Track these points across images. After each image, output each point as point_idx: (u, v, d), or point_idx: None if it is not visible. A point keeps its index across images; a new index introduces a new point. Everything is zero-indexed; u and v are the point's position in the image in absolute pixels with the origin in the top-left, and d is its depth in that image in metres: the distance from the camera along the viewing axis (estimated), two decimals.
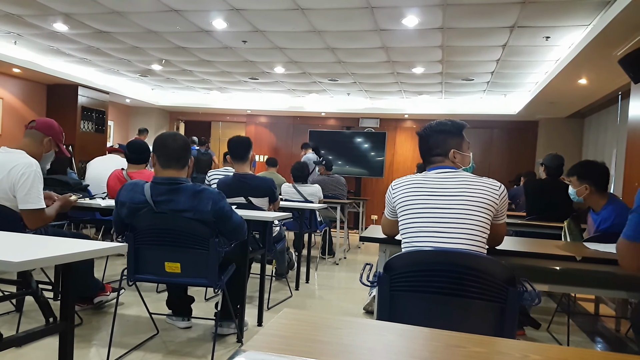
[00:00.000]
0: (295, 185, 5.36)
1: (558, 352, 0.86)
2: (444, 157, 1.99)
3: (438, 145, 2.00)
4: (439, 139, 2.00)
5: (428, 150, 2.03)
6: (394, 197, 1.95)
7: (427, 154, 2.03)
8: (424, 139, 2.05)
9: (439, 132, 2.01)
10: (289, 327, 0.89)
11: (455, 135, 2.02)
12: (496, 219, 1.90)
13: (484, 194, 1.81)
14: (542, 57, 5.67)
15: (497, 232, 1.97)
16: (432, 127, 2.04)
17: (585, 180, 2.93)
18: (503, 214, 1.94)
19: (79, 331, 2.98)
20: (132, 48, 6.46)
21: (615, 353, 0.86)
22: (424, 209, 1.81)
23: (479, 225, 1.78)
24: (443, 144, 1.99)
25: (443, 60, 6.11)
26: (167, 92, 10.13)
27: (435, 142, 2.01)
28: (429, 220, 1.79)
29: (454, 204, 1.78)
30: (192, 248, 2.44)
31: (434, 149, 2.00)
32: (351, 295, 4.40)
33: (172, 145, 2.46)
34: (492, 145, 9.95)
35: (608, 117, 7.29)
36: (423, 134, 2.06)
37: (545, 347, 0.88)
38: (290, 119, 10.87)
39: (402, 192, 1.90)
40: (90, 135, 8.61)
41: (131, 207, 2.43)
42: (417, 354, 0.83)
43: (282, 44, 5.82)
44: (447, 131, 2.01)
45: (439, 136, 2.01)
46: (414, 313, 1.65)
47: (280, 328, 0.87)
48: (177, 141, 2.50)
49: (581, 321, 3.84)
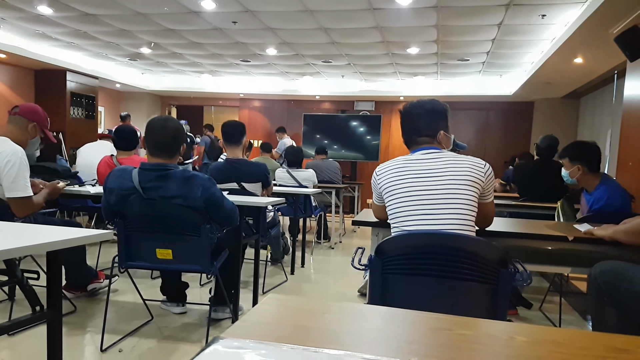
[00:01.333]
0: (290, 170, 5.33)
1: (544, 333, 0.85)
2: (432, 139, 1.92)
3: (429, 126, 1.92)
4: (431, 120, 1.92)
5: (416, 129, 1.94)
6: (379, 183, 1.89)
7: (415, 133, 1.94)
8: (412, 118, 1.95)
9: (431, 112, 1.93)
10: (273, 313, 0.87)
11: (444, 116, 1.95)
12: (483, 197, 1.87)
13: (469, 172, 1.77)
14: (537, 36, 5.62)
15: (485, 212, 1.93)
16: (424, 107, 1.94)
17: (577, 161, 2.93)
18: (489, 192, 1.90)
19: (72, 319, 2.99)
20: (120, 31, 6.35)
21: (601, 333, 0.85)
22: (410, 192, 1.77)
23: (466, 205, 1.75)
24: (434, 125, 1.92)
25: (438, 40, 6.04)
26: (157, 76, 10.01)
27: (426, 123, 1.92)
28: (416, 203, 1.76)
29: (441, 184, 1.75)
30: (184, 235, 2.42)
31: (424, 130, 1.92)
32: (346, 278, 4.41)
33: (161, 134, 2.41)
34: (488, 126, 9.92)
35: (604, 97, 7.26)
36: (413, 113, 1.95)
37: (531, 328, 0.87)
38: (284, 102, 10.79)
39: (387, 177, 1.85)
40: (80, 121, 8.51)
41: (120, 193, 2.40)
42: (403, 337, 0.82)
43: (274, 25, 5.73)
44: (439, 112, 1.94)
45: (431, 117, 1.93)
46: (405, 296, 1.64)
47: (264, 314, 0.86)
48: (166, 129, 2.43)
49: (573, 300, 3.86)
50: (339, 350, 0.68)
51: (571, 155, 2.98)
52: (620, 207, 2.78)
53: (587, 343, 0.83)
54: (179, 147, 2.48)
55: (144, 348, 2.61)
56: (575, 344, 0.82)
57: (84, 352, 2.57)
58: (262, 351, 0.69)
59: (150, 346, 2.65)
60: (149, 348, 2.62)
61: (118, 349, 2.57)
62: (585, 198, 3.03)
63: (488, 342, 0.81)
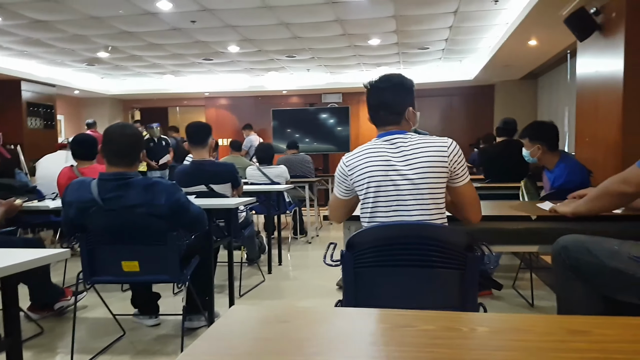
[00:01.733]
0: (260, 168, 5.28)
1: (505, 321, 0.87)
2: (399, 116, 1.80)
3: (397, 101, 1.80)
4: (399, 96, 1.80)
5: (384, 106, 1.80)
6: (350, 171, 1.78)
7: (383, 110, 1.81)
8: (379, 92, 1.82)
9: (400, 86, 1.81)
10: (233, 328, 0.85)
11: (412, 91, 1.84)
12: (453, 180, 1.76)
13: (434, 156, 1.69)
14: (492, 21, 5.72)
15: (461, 198, 1.81)
16: (391, 80, 1.81)
17: (537, 140, 3.01)
18: (460, 174, 1.76)
19: (39, 341, 2.87)
20: (75, 36, 6.16)
21: (560, 316, 0.87)
22: (379, 182, 1.72)
23: (434, 193, 1.70)
24: (402, 100, 1.80)
25: (397, 30, 6.08)
26: (117, 80, 9.77)
27: (394, 98, 1.80)
28: (384, 194, 1.72)
29: (407, 174, 1.69)
30: (149, 244, 2.34)
31: (393, 106, 1.79)
32: (325, 272, 4.36)
33: (118, 141, 2.34)
34: (451, 111, 10.08)
35: (559, 76, 7.46)
36: (380, 87, 1.82)
37: (492, 317, 0.88)
38: (251, 99, 10.69)
39: (359, 165, 1.76)
40: (39, 132, 8.23)
41: (79, 206, 2.32)
42: (366, 339, 0.82)
43: (234, 22, 5.66)
44: (407, 87, 1.82)
45: (399, 92, 1.81)
46: (379, 288, 1.65)
47: (223, 330, 0.84)
48: (123, 137, 2.36)
49: (544, 275, 3.96)
50: None
51: (531, 136, 3.05)
52: (580, 182, 2.86)
53: (546, 328, 0.85)
54: (138, 155, 2.41)
55: None
56: (535, 329, 0.84)
57: None
58: None
59: None
60: None
61: None
62: (547, 176, 3.11)
63: (450, 336, 0.82)
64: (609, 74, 3.52)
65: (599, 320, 0.88)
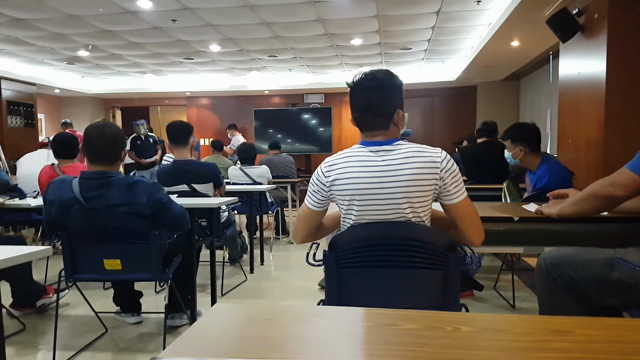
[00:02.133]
0: (243, 168, 5.25)
1: (487, 321, 0.87)
2: (389, 120, 1.60)
3: (386, 103, 1.60)
4: (388, 96, 1.60)
5: (370, 107, 1.59)
6: (329, 179, 1.60)
7: (370, 112, 1.60)
8: (365, 92, 1.60)
9: (389, 85, 1.60)
10: (216, 326, 0.84)
11: (401, 91, 1.64)
12: (446, 197, 1.58)
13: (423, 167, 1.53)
14: (474, 22, 5.76)
15: (459, 217, 1.61)
16: (379, 79, 1.59)
17: (519, 142, 3.01)
18: (454, 190, 1.57)
19: (22, 337, 2.86)
20: (55, 35, 6.05)
21: (542, 316, 0.87)
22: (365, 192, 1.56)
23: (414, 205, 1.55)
24: (392, 103, 1.60)
25: (380, 31, 6.10)
26: (98, 79, 9.63)
27: (383, 100, 1.59)
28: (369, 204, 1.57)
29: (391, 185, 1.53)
30: (131, 243, 2.34)
31: (381, 108, 1.59)
32: (307, 272, 4.40)
33: (98, 141, 2.31)
34: (433, 113, 10.15)
35: (541, 78, 7.56)
36: (365, 85, 1.60)
37: (475, 317, 0.88)
38: (233, 99, 10.63)
39: (341, 173, 1.58)
40: (19, 130, 8.09)
41: (60, 205, 2.29)
42: (349, 337, 0.81)
43: (215, 21, 5.61)
44: (397, 86, 1.62)
45: (389, 92, 1.60)
46: (361, 288, 1.64)
47: (205, 328, 0.83)
48: (104, 136, 2.32)
49: (525, 277, 4.01)
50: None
51: (513, 137, 3.05)
52: (562, 183, 2.89)
53: (529, 328, 0.86)
54: (119, 154, 2.38)
55: None
56: (517, 329, 0.85)
57: None
58: None
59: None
60: None
61: None
62: (529, 177, 3.14)
63: (433, 335, 0.82)
64: (591, 75, 3.57)
65: (580, 321, 0.88)
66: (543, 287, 1.86)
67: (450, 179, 1.56)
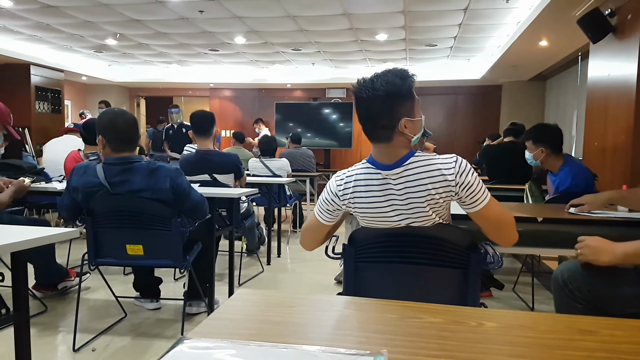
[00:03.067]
0: (263, 160, 5.28)
1: (512, 317, 0.86)
2: (391, 131, 1.50)
3: (385, 114, 1.49)
4: (386, 106, 1.48)
5: (370, 119, 1.52)
6: (342, 200, 1.58)
7: (370, 124, 1.53)
8: (364, 103, 1.51)
9: (386, 96, 1.47)
10: (241, 309, 0.85)
11: (406, 97, 1.50)
12: (468, 206, 1.52)
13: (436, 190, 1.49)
14: (503, 20, 5.67)
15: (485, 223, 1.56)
16: (376, 88, 1.47)
17: (541, 143, 2.96)
18: (474, 198, 1.50)
19: (43, 319, 2.92)
20: (84, 22, 6.15)
21: (567, 315, 0.86)
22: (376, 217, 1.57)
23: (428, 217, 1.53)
24: (391, 112, 1.48)
25: (406, 26, 6.05)
26: (124, 67, 9.75)
27: (381, 110, 1.49)
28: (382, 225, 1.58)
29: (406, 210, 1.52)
30: (154, 229, 2.38)
31: (380, 119, 1.49)
32: (323, 266, 4.42)
33: (124, 127, 2.35)
34: (457, 111, 10.04)
35: (568, 79, 7.41)
36: (364, 96, 1.50)
37: (499, 313, 0.88)
38: (255, 91, 10.67)
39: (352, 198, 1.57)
40: (46, 116, 8.27)
41: (85, 191, 2.33)
42: (373, 327, 0.82)
43: (241, 13, 5.64)
44: (396, 94, 1.48)
45: (387, 101, 1.48)
46: (379, 284, 1.64)
47: (232, 311, 0.84)
48: (127, 122, 2.38)
49: (545, 280, 3.96)
50: (309, 346, 0.68)
51: (534, 138, 3.01)
52: (585, 187, 2.84)
53: (554, 326, 0.85)
54: (139, 138, 2.47)
55: (117, 346, 2.57)
56: (542, 327, 0.84)
57: (56, 353, 2.51)
58: (230, 350, 0.67)
59: (124, 344, 2.60)
60: (123, 346, 2.58)
61: (91, 348, 2.52)
62: (550, 179, 3.09)
63: (457, 329, 0.82)
64: (622, 77, 3.49)
65: (607, 322, 0.86)
66: (561, 300, 1.82)
67: (465, 193, 1.49)
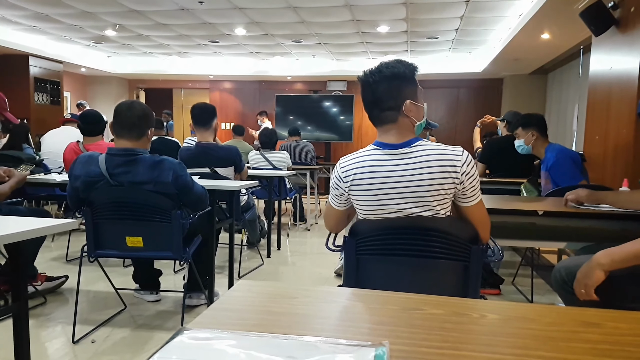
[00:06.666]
0: (263, 153, 5.26)
1: (515, 309, 0.86)
2: (397, 112, 1.57)
3: (391, 95, 1.57)
4: (392, 87, 1.57)
5: (376, 102, 1.59)
6: (346, 183, 1.60)
7: (375, 107, 1.60)
8: (371, 87, 1.59)
9: (391, 77, 1.56)
10: (242, 300, 0.85)
11: (410, 81, 1.59)
12: (462, 199, 1.58)
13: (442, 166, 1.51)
14: (505, 13, 5.64)
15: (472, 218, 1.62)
16: (382, 71, 1.58)
17: (530, 127, 3.13)
18: (470, 193, 1.56)
19: (43, 310, 2.92)
20: (83, 13, 6.11)
21: (571, 307, 0.86)
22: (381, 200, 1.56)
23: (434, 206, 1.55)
24: (397, 94, 1.57)
25: (407, 18, 6.01)
26: (124, 59, 9.71)
27: (387, 92, 1.57)
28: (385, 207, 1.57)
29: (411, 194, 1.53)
30: (154, 221, 2.36)
31: (385, 101, 1.57)
32: (323, 259, 4.42)
33: (126, 113, 2.35)
34: (458, 104, 10.01)
35: (570, 72, 7.38)
36: (370, 81, 1.59)
37: (502, 305, 0.87)
38: (255, 84, 10.63)
39: (356, 180, 1.58)
40: (45, 107, 8.24)
41: (86, 180, 2.32)
42: (374, 319, 0.81)
43: (242, 4, 5.60)
44: (401, 76, 1.57)
45: (392, 83, 1.56)
46: (380, 276, 1.64)
47: (233, 302, 0.84)
48: (132, 109, 2.37)
49: (544, 273, 3.96)
50: (310, 337, 0.67)
51: (524, 124, 3.18)
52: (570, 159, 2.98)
53: (558, 318, 0.84)
54: (146, 129, 2.41)
55: (117, 338, 2.57)
56: (546, 319, 0.83)
57: (55, 345, 2.51)
58: (231, 341, 0.67)
59: (123, 335, 2.60)
60: (123, 337, 2.58)
61: (90, 339, 2.52)
62: (542, 172, 3.15)
63: (459, 321, 0.81)
64: (624, 71, 3.47)
65: (611, 314, 0.86)
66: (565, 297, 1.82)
67: (469, 183, 1.54)
